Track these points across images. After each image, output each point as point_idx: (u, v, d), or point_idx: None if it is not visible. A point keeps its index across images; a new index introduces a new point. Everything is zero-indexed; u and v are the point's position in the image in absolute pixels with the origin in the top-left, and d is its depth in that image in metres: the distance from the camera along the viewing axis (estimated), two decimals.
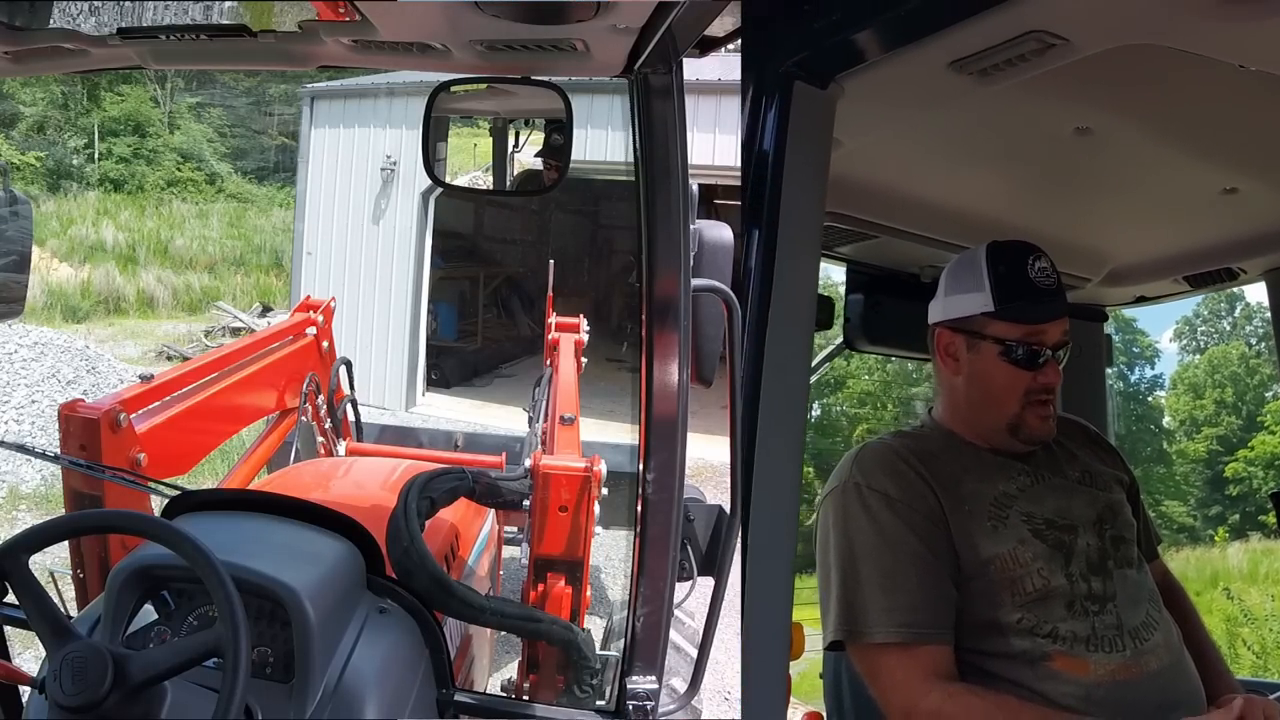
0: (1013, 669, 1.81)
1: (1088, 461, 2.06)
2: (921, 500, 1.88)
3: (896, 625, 1.80)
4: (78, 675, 1.38)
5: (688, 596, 2.18)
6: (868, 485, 1.90)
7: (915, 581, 1.82)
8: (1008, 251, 1.96)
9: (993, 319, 1.93)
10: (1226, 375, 23.44)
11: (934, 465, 1.92)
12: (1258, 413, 22.57)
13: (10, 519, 6.66)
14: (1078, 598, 1.85)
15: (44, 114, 22.33)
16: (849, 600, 1.85)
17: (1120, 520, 1.98)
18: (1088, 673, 1.79)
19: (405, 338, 11.62)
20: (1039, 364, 1.93)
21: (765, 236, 1.43)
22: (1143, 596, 1.93)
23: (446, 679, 1.85)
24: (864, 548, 1.86)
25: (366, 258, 11.79)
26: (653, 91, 1.72)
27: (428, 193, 11.39)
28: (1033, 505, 1.91)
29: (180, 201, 22.43)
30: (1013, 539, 1.86)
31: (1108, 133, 1.97)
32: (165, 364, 11.92)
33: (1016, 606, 1.83)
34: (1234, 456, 21.29)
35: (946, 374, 2.02)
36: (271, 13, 1.62)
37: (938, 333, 2.01)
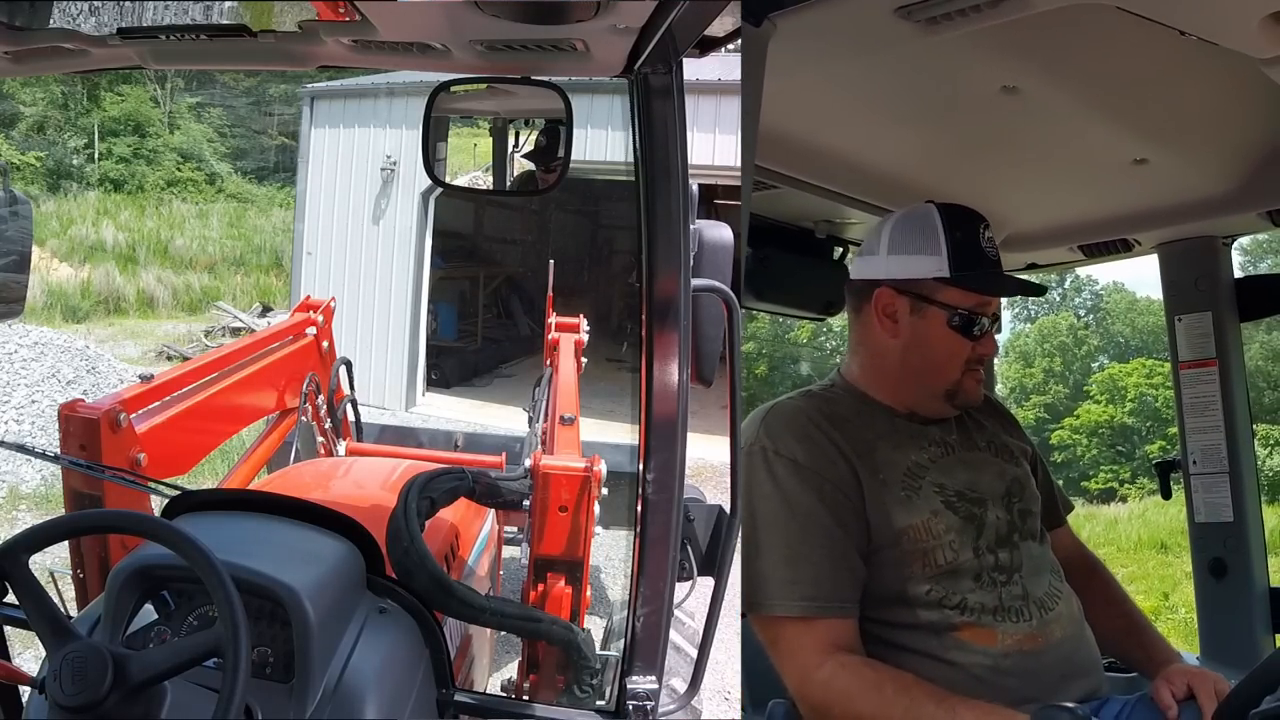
0: (920, 639, 1.81)
1: (995, 432, 2.05)
2: (832, 467, 1.84)
3: (798, 599, 1.78)
4: (78, 675, 1.38)
5: (688, 596, 2.18)
6: (775, 450, 1.85)
7: (821, 554, 1.79)
8: (961, 217, 1.92)
9: (946, 285, 1.90)
10: (1055, 345, 23.88)
11: (846, 430, 1.89)
12: (1084, 382, 22.98)
13: (10, 519, 6.66)
14: (985, 569, 1.84)
15: (44, 114, 22.32)
16: (750, 571, 1.81)
17: (1027, 494, 1.98)
18: (995, 642, 1.79)
19: (405, 338, 11.62)
20: (979, 334, 1.92)
21: None
22: (1045, 567, 1.93)
23: (446, 679, 1.85)
24: (767, 516, 1.82)
25: (366, 258, 11.79)
26: (653, 91, 1.72)
27: (428, 193, 11.39)
28: (944, 476, 1.89)
29: (180, 201, 22.43)
30: (926, 510, 1.84)
31: (1034, 93, 1.94)
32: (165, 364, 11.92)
33: (926, 578, 1.81)
34: (1060, 424, 21.72)
35: (880, 334, 1.96)
36: (271, 13, 1.62)
37: (879, 293, 1.95)
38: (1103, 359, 23.99)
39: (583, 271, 16.17)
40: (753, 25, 1.43)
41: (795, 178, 2.32)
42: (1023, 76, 1.89)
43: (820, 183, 2.36)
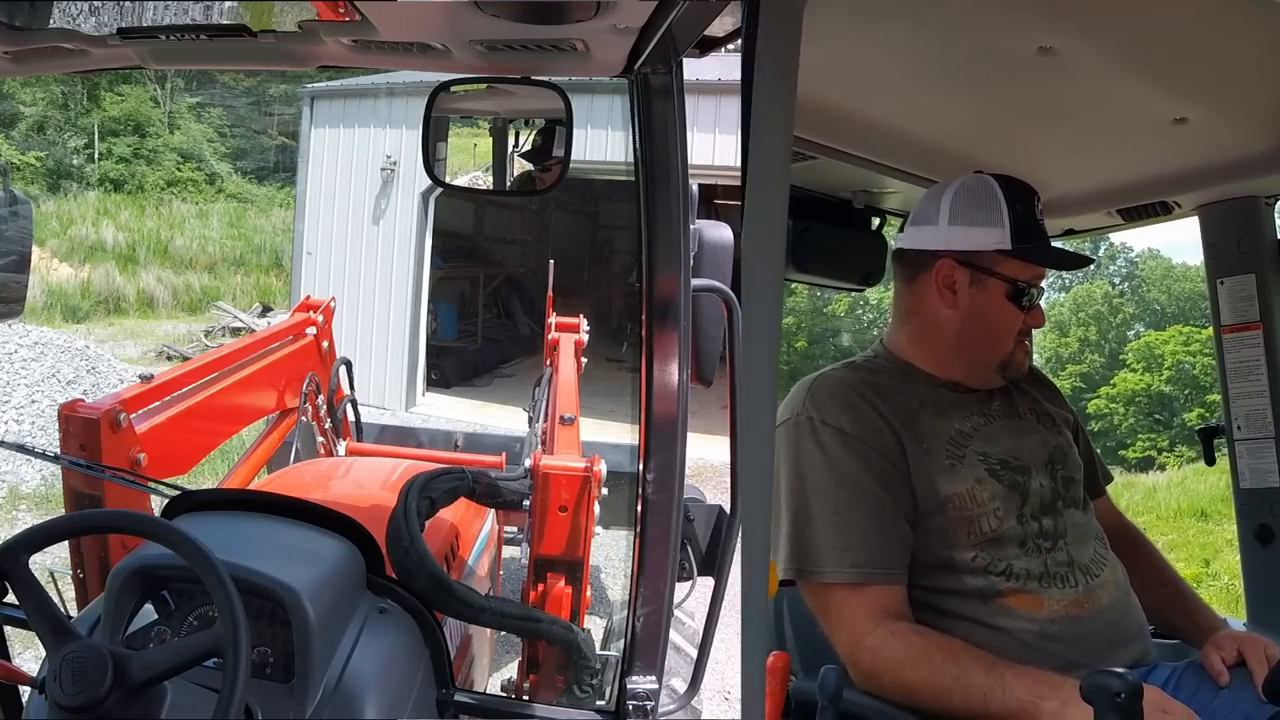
0: (968, 606, 1.82)
1: (1037, 400, 2.07)
2: (878, 436, 1.85)
3: (849, 565, 1.79)
4: (78, 675, 1.38)
5: (688, 596, 2.18)
6: (821, 419, 1.86)
7: (869, 521, 1.81)
8: (1020, 190, 1.94)
9: (1008, 257, 1.92)
10: (1090, 314, 23.71)
11: (890, 400, 1.90)
12: (1120, 351, 22.87)
13: (10, 519, 6.66)
14: (1030, 536, 1.85)
15: (44, 114, 22.32)
16: (800, 538, 1.83)
17: (1069, 461, 2.00)
18: (1042, 608, 1.81)
19: (405, 338, 11.62)
20: (1031, 305, 1.95)
21: None
22: (1089, 534, 1.94)
23: (446, 679, 1.85)
24: (816, 484, 1.84)
25: (366, 258, 11.79)
26: (653, 91, 1.72)
27: (428, 193, 11.39)
28: (988, 445, 1.91)
29: (180, 201, 22.42)
30: (970, 478, 1.86)
31: (1071, 54, 1.91)
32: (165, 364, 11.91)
33: (971, 545, 1.83)
34: (1096, 394, 21.52)
35: (937, 305, 1.96)
36: (271, 13, 1.62)
37: (939, 264, 1.96)
38: (1139, 327, 23.73)
39: (583, 271, 16.16)
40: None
41: (832, 147, 2.29)
42: (1060, 36, 1.85)
43: (858, 152, 2.33)
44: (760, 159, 1.32)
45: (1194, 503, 11.49)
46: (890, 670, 1.74)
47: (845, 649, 1.80)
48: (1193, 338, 20.57)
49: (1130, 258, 25.28)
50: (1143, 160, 2.50)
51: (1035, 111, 2.21)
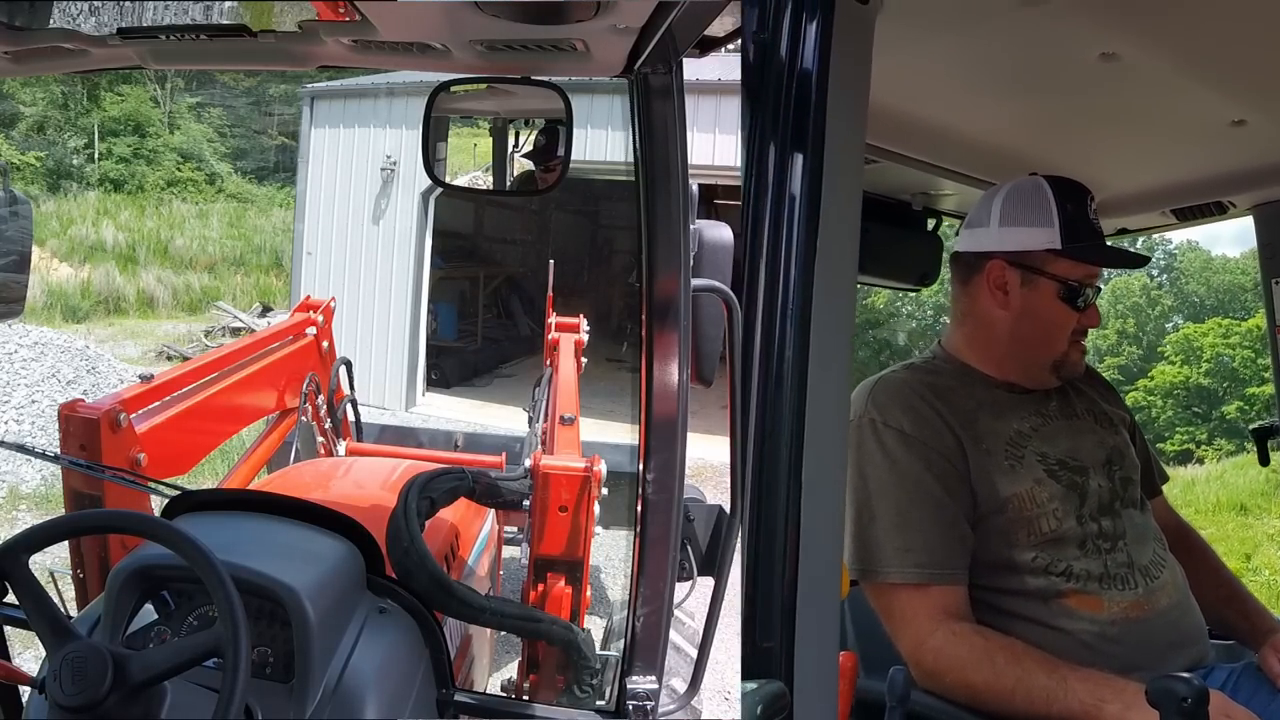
0: (1028, 606, 1.83)
1: (1094, 400, 2.08)
2: (938, 437, 1.87)
3: (911, 565, 1.81)
4: (78, 675, 1.38)
5: (688, 596, 2.18)
6: (883, 421, 1.89)
7: (930, 521, 1.83)
8: (1071, 190, 1.95)
9: (1058, 257, 1.93)
10: (1128, 306, 23.71)
11: (950, 401, 1.92)
12: (1158, 343, 22.83)
13: (10, 519, 6.66)
14: (1089, 537, 1.86)
15: (44, 114, 22.32)
16: (863, 538, 1.85)
17: (1127, 462, 2.01)
18: (1102, 610, 1.82)
19: (405, 338, 11.62)
20: (1085, 305, 1.95)
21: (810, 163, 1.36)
22: (1149, 535, 1.95)
23: (446, 679, 1.85)
24: (879, 485, 1.86)
25: (366, 258, 11.79)
26: (653, 91, 1.72)
27: (428, 193, 11.38)
28: (1046, 445, 1.92)
29: (180, 201, 22.42)
30: (1029, 479, 1.87)
31: (1132, 59, 1.93)
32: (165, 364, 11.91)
33: (1031, 546, 1.84)
34: (1134, 386, 21.57)
35: (990, 306, 1.99)
36: (271, 13, 1.62)
37: (990, 264, 1.98)
38: (1177, 319, 23.70)
39: (583, 271, 16.16)
40: (859, 2, 1.40)
41: (894, 151, 2.32)
42: (1121, 43, 1.87)
43: (918, 155, 2.36)
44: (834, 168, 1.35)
45: (1233, 496, 11.39)
46: (953, 670, 1.76)
47: (908, 649, 1.81)
48: (1232, 330, 20.49)
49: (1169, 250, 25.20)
50: (1199, 161, 2.51)
51: (1094, 115, 2.23)
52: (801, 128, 1.34)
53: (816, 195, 1.33)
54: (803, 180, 1.33)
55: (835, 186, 1.35)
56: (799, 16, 1.36)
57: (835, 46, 1.34)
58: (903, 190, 2.64)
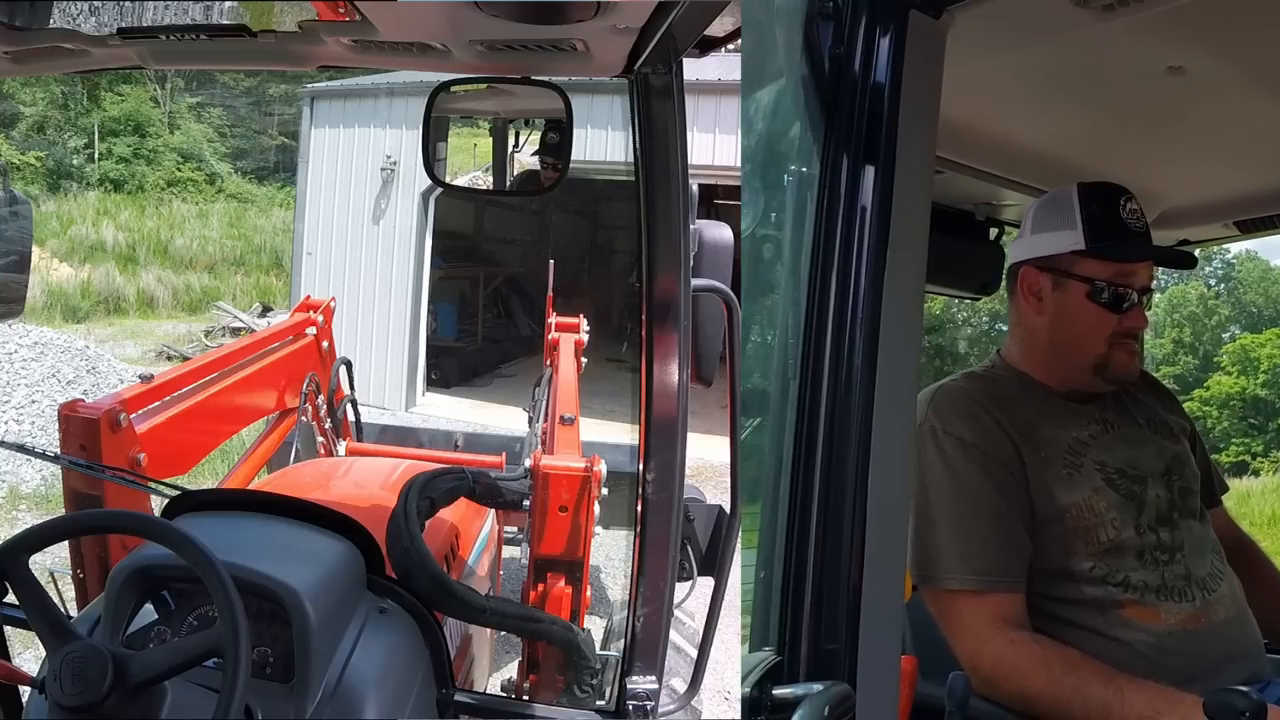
0: (1085, 615, 1.84)
1: (1154, 409, 2.07)
2: (997, 446, 1.88)
3: (970, 572, 1.82)
4: (78, 675, 1.38)
5: (688, 596, 2.18)
6: (943, 429, 1.90)
7: (989, 529, 1.83)
8: (1099, 191, 1.95)
9: (1083, 257, 1.92)
10: (1185, 315, 23.62)
11: (1009, 410, 1.93)
12: (1214, 353, 22.72)
13: (10, 519, 6.66)
14: (1147, 548, 1.86)
15: (44, 114, 22.31)
16: (922, 544, 1.85)
17: (1187, 472, 2.00)
18: (1159, 621, 1.82)
19: (405, 338, 11.61)
20: (1125, 307, 1.93)
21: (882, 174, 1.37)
22: (1207, 547, 1.94)
23: (446, 679, 1.85)
24: (939, 492, 1.86)
25: (366, 258, 11.79)
26: (653, 91, 1.72)
27: (428, 193, 11.38)
28: (1105, 454, 1.92)
29: (180, 201, 22.42)
30: (1087, 487, 1.88)
31: (1200, 73, 1.94)
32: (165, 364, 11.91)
33: (1089, 555, 1.84)
34: (1190, 396, 21.51)
35: (1029, 313, 2.00)
36: (271, 13, 1.62)
37: (1022, 271, 2.00)
38: (1234, 329, 23.61)
39: (583, 271, 16.15)
40: (931, 17, 1.41)
41: (957, 161, 2.34)
42: (1190, 57, 1.88)
43: (981, 166, 2.37)
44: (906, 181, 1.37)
45: None
46: (1010, 678, 1.76)
47: (966, 655, 1.81)
48: None
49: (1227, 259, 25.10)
50: (1263, 173, 2.51)
51: (1159, 126, 2.23)
52: (874, 140, 1.37)
53: (888, 207, 1.35)
54: (874, 192, 1.35)
55: (906, 199, 1.37)
56: (873, 31, 1.39)
57: (908, 61, 1.36)
58: (966, 200, 2.66)
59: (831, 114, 1.38)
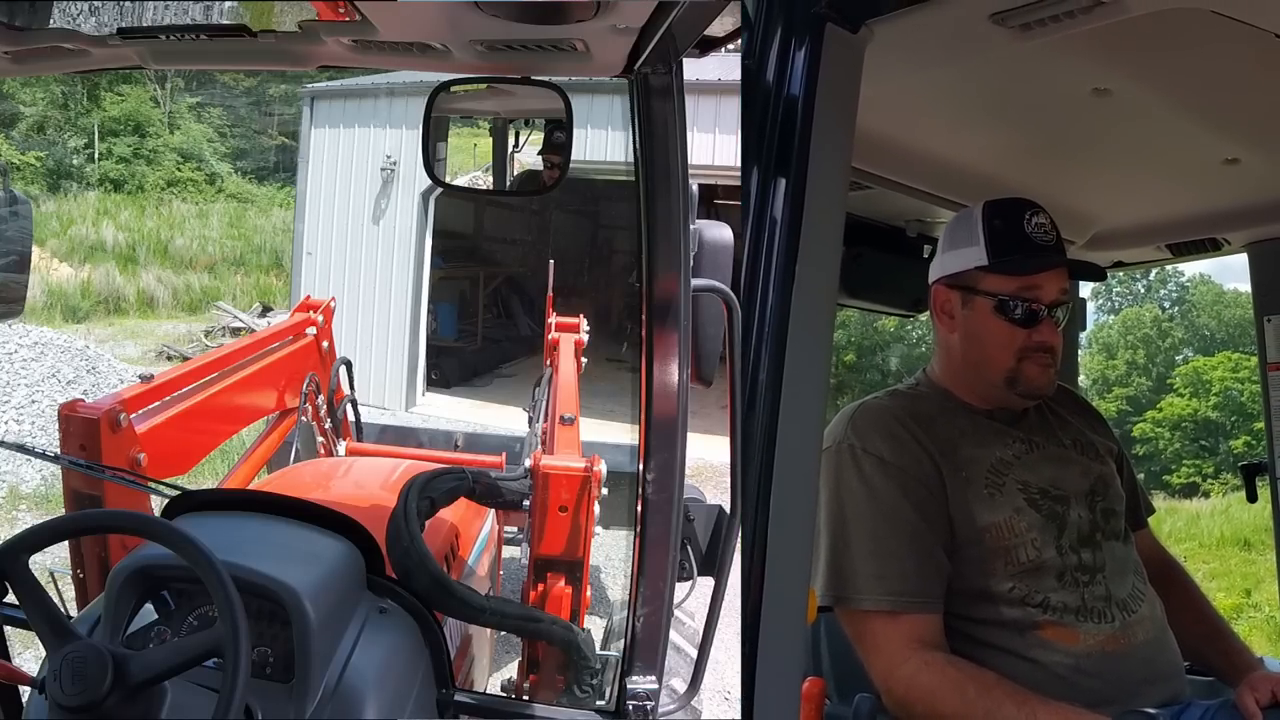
0: (1003, 637, 1.82)
1: (1080, 430, 2.06)
2: (917, 465, 1.86)
3: (886, 593, 1.80)
4: (78, 675, 1.38)
5: (688, 596, 2.18)
6: (862, 448, 1.88)
7: (906, 550, 1.82)
8: (1004, 207, 1.94)
9: (987, 273, 1.92)
10: (1139, 337, 23.68)
11: (931, 429, 1.91)
12: (1167, 375, 22.79)
13: (10, 519, 6.66)
14: (1068, 569, 1.85)
15: (44, 114, 22.31)
16: (838, 565, 1.84)
17: (1111, 493, 1.98)
18: (1077, 642, 1.81)
19: (405, 338, 11.62)
20: (1035, 321, 1.91)
21: (793, 186, 1.36)
22: (1129, 569, 1.93)
23: (446, 679, 1.85)
24: (855, 512, 1.85)
25: (366, 258, 11.79)
26: (653, 91, 1.73)
27: (428, 193, 11.38)
28: (1028, 474, 1.91)
29: (180, 201, 22.42)
30: (1009, 508, 1.86)
31: (1125, 95, 1.94)
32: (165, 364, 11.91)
33: (1009, 576, 1.83)
34: (1143, 417, 21.53)
35: (943, 332, 2.00)
36: (271, 13, 1.62)
37: (935, 290, 2.00)
38: (1187, 352, 23.63)
39: (583, 271, 16.15)
40: (849, 31, 1.41)
41: (887, 178, 2.33)
42: (1114, 79, 1.89)
43: (911, 183, 2.37)
44: (818, 193, 1.35)
45: (1238, 531, 11.34)
46: (923, 700, 1.75)
47: (880, 677, 1.81)
48: (1241, 364, 20.38)
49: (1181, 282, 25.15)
50: (1193, 197, 2.52)
51: (1087, 148, 2.24)
52: (786, 152, 1.35)
53: (798, 220, 1.34)
54: (785, 204, 1.34)
55: (818, 212, 1.36)
56: (788, 43, 1.38)
57: (823, 74, 1.35)
58: (897, 216, 2.65)
59: (745, 125, 1.38)
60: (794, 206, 1.34)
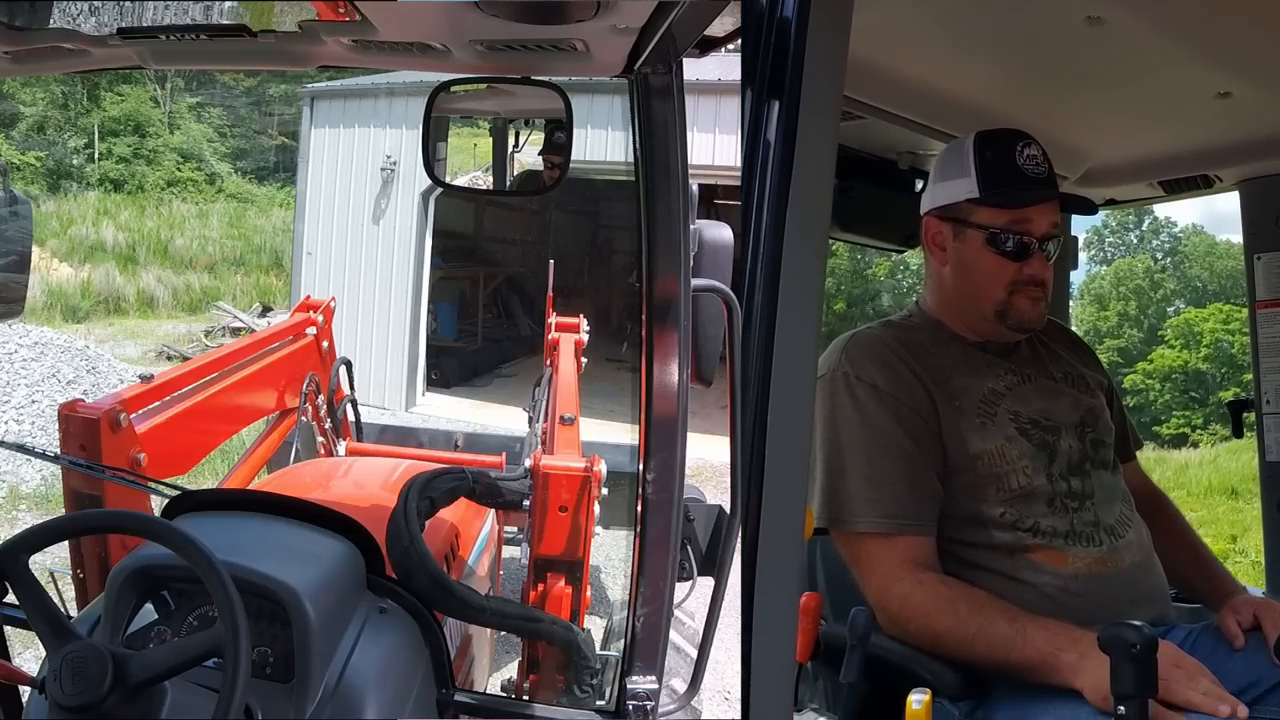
0: (994, 559, 1.86)
1: (1071, 363, 2.09)
2: (910, 393, 1.90)
3: (880, 516, 1.84)
4: (78, 675, 1.38)
5: (688, 596, 2.18)
6: (856, 376, 1.91)
7: (900, 474, 1.85)
8: (995, 138, 1.95)
9: (978, 205, 1.93)
10: (1131, 288, 23.58)
11: (924, 358, 1.94)
12: (1159, 327, 22.76)
13: (10, 519, 6.66)
14: (1058, 495, 1.89)
15: (44, 114, 22.31)
16: (834, 489, 1.88)
17: (1100, 424, 2.02)
18: (1066, 564, 1.85)
19: (405, 338, 11.62)
20: (1026, 255, 1.93)
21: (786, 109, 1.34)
22: (1117, 497, 1.97)
23: (446, 679, 1.85)
24: (850, 438, 1.88)
25: (366, 258, 11.79)
26: (653, 91, 1.73)
27: (428, 193, 11.39)
28: (1019, 404, 1.94)
29: (180, 201, 22.41)
30: (1000, 436, 1.89)
31: (1119, 24, 1.93)
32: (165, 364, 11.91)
33: (1000, 501, 1.87)
34: (1133, 369, 21.45)
35: (935, 264, 2.02)
36: (271, 13, 1.62)
37: (926, 222, 2.01)
38: (1179, 303, 23.54)
39: (583, 271, 16.15)
40: None
41: (879, 107, 2.30)
42: (1108, 7, 1.88)
43: (903, 113, 2.34)
44: (810, 115, 1.33)
45: (1225, 480, 11.48)
46: (917, 617, 1.79)
47: (875, 596, 1.84)
48: (1233, 316, 20.31)
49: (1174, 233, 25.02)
50: (1185, 133, 2.51)
51: (1081, 79, 2.22)
52: (780, 75, 1.34)
53: (791, 144, 1.33)
54: (778, 128, 1.33)
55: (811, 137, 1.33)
56: None
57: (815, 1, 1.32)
58: (889, 149, 2.61)
59: (743, 46, 1.37)
60: (788, 130, 1.33)
